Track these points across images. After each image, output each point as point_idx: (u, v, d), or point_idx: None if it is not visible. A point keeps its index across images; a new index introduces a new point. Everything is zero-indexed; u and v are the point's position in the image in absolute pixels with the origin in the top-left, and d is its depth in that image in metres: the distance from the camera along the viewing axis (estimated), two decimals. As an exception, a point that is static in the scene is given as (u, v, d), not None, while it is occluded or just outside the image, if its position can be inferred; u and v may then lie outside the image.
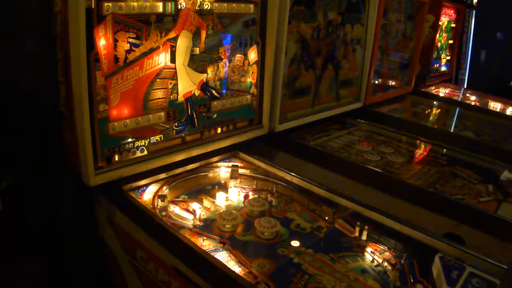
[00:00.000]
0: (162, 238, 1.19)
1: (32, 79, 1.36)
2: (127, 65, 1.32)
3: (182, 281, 1.12)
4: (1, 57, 1.32)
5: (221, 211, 1.40)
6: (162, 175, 1.56)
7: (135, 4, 1.29)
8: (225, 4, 1.58)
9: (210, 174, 1.69)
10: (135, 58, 1.33)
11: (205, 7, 1.51)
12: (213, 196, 1.48)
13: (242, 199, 1.51)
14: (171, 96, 1.49)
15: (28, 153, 1.39)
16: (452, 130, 2.85)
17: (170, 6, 1.39)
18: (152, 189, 1.49)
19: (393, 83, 3.09)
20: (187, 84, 1.53)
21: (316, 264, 1.19)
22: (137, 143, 1.43)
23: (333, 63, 2.30)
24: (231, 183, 1.60)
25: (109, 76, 1.28)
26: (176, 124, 1.53)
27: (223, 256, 1.19)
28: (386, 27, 2.72)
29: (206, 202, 1.44)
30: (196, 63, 1.54)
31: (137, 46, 1.33)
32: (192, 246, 1.15)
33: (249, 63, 1.76)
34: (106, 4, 1.22)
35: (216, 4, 1.54)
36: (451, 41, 4.14)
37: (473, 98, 3.83)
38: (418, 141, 2.45)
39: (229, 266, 1.12)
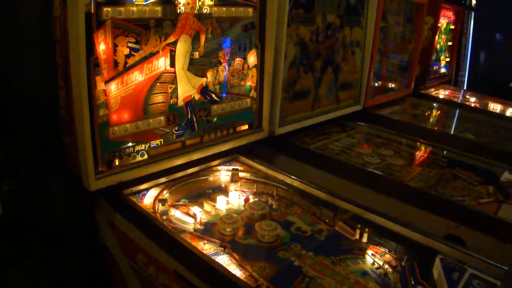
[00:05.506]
0: (163, 242, 1.19)
1: (32, 84, 1.36)
2: (127, 70, 1.33)
3: (183, 285, 1.12)
4: (2, 62, 1.33)
5: (222, 214, 1.40)
6: (163, 179, 1.56)
7: (134, 9, 1.30)
8: (224, 8, 1.59)
9: (211, 178, 1.69)
10: (134, 63, 1.34)
11: (204, 11, 1.51)
12: (214, 200, 1.48)
13: (243, 203, 1.51)
14: (171, 100, 1.49)
15: (28, 157, 1.39)
16: (452, 132, 2.85)
17: (169, 11, 1.40)
18: (152, 193, 1.49)
19: (393, 85, 3.09)
20: (186, 88, 1.54)
21: (317, 267, 1.19)
22: (138, 147, 1.43)
23: (333, 66, 2.31)
24: (232, 187, 1.60)
25: (109, 80, 1.29)
26: (176, 128, 1.54)
27: (224, 260, 1.18)
28: (385, 29, 2.73)
29: (207, 206, 1.44)
30: (196, 67, 1.55)
31: (136, 50, 1.33)
32: (193, 250, 1.15)
33: (248, 66, 1.76)
34: (105, 9, 1.22)
35: (215, 8, 1.55)
36: (450, 43, 4.15)
37: (472, 99, 3.84)
38: (418, 143, 2.45)
39: (230, 270, 1.11)
